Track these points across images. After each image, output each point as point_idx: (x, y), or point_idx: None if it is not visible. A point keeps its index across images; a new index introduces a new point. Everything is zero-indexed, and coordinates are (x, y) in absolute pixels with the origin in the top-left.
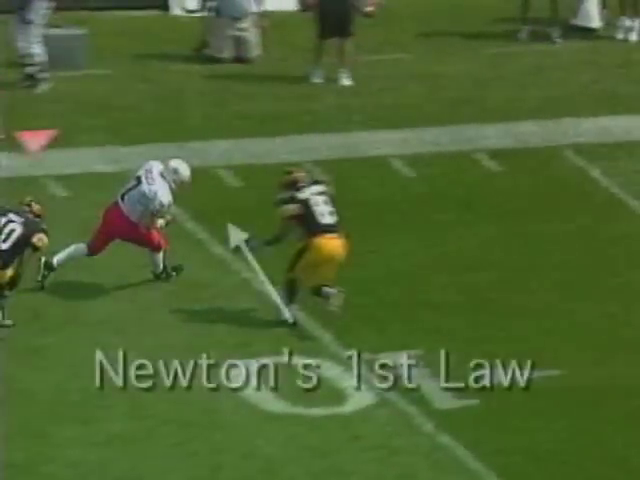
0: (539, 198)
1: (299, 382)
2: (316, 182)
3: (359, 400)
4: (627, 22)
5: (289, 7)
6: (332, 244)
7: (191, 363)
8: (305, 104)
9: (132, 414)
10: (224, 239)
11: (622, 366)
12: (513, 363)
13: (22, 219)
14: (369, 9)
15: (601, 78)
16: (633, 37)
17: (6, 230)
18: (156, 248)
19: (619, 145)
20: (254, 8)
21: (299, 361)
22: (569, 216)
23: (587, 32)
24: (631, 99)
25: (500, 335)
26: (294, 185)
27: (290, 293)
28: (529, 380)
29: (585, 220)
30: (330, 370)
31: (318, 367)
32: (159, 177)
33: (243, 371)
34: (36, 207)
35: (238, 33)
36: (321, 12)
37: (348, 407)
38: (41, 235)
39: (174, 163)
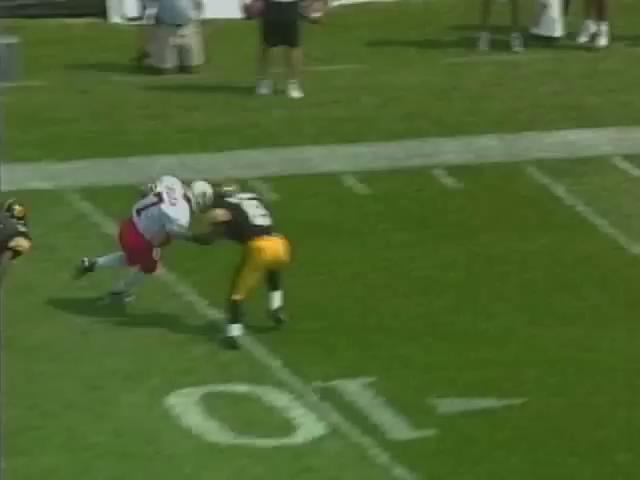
0: (500, 216)
1: (246, 411)
2: (247, 192)
3: (309, 430)
4: (592, 27)
5: (234, 14)
6: (273, 245)
7: (131, 391)
8: (252, 117)
9: (69, 446)
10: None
11: (587, 394)
12: (472, 391)
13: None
14: (316, 15)
15: (565, 89)
16: (601, 42)
17: None
18: (148, 270)
19: (585, 160)
20: (195, 15)
21: (246, 389)
22: (532, 236)
23: (549, 41)
24: (597, 111)
25: (458, 362)
26: (221, 196)
27: (235, 314)
28: (489, 409)
29: (549, 240)
30: (278, 399)
31: (266, 395)
32: (182, 198)
33: (187, 400)
34: (18, 209)
35: (180, 41)
36: (265, 19)
37: (298, 438)
38: (18, 239)
39: (202, 187)
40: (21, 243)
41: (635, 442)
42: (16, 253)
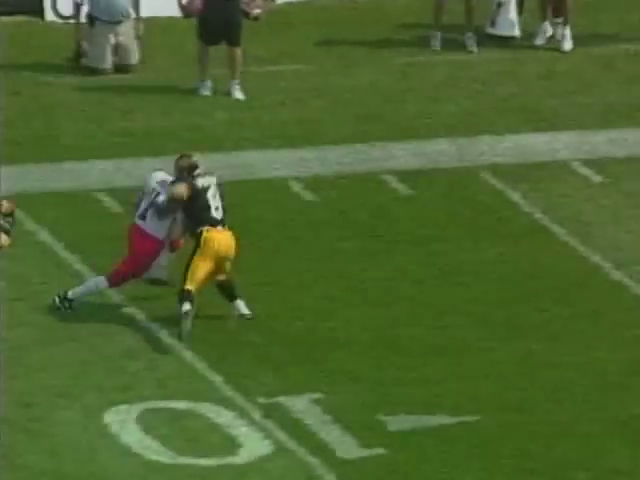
0: (453, 224)
1: (187, 429)
2: (211, 173)
3: (254, 449)
4: (549, 29)
5: (174, 13)
6: (223, 236)
7: (68, 408)
8: (193, 120)
9: (3, 465)
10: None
11: (544, 411)
12: (424, 408)
13: None
14: (257, 12)
15: (522, 91)
16: (566, 46)
17: None
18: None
19: (542, 166)
20: (132, 12)
21: (187, 406)
22: (487, 244)
23: (505, 41)
24: (555, 114)
25: (411, 376)
26: (191, 170)
27: (186, 301)
28: (442, 426)
29: (505, 249)
30: (221, 416)
31: (208, 412)
32: None
33: (125, 417)
34: (5, 206)
35: (116, 40)
36: (204, 17)
37: (242, 457)
38: None
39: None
40: None
41: (594, 460)
42: None
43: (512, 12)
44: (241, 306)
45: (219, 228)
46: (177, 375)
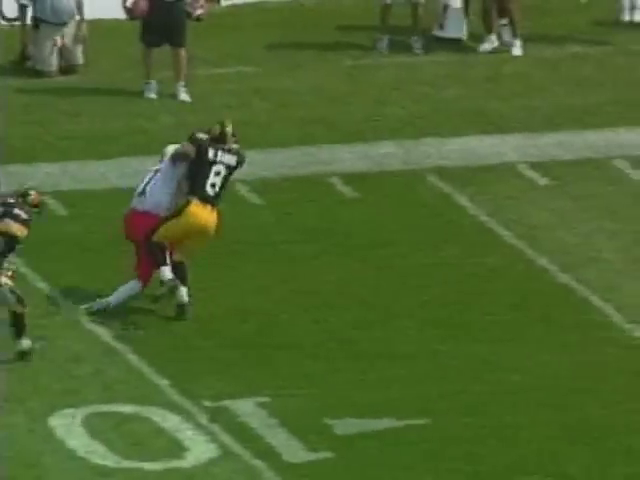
0: (401, 227)
1: (133, 433)
2: (235, 154)
3: (200, 452)
4: (495, 41)
5: (119, 15)
6: (207, 214)
7: (13, 412)
8: (138, 123)
9: None
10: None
11: (496, 415)
12: (372, 411)
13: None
14: (199, 12)
15: (468, 94)
16: (515, 52)
17: None
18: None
19: (488, 168)
20: (76, 14)
21: (133, 409)
22: (434, 248)
23: (452, 43)
24: (501, 117)
25: (359, 380)
26: (219, 140)
27: (159, 256)
28: (392, 430)
29: (452, 252)
30: (167, 419)
31: (154, 416)
32: None
33: (70, 421)
34: (34, 197)
35: (62, 41)
36: (148, 19)
37: (188, 460)
38: (7, 220)
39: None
40: (9, 225)
41: (546, 464)
42: (10, 237)
43: (459, 14)
44: (184, 294)
45: (207, 206)
46: (123, 379)
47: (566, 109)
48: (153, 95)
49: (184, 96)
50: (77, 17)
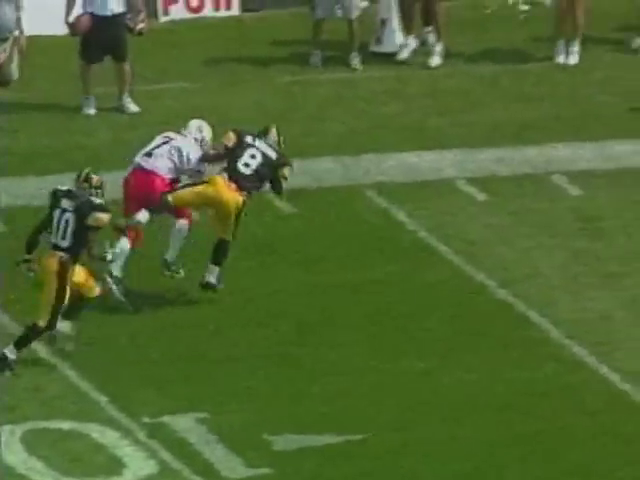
0: (340, 243)
1: (71, 449)
2: (273, 149)
3: (138, 469)
4: (412, 42)
5: (58, 31)
6: (229, 190)
7: None
8: (76, 139)
9: None
10: None
11: (433, 430)
12: (311, 426)
13: (74, 203)
14: (140, 26)
15: (406, 110)
16: (434, 62)
17: (62, 224)
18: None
19: (427, 184)
20: (15, 28)
21: (71, 426)
22: (373, 264)
23: (389, 58)
24: (440, 133)
25: (298, 395)
26: (261, 134)
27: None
28: (331, 445)
29: (391, 268)
30: (105, 436)
31: (92, 432)
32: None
33: (8, 438)
34: (95, 179)
35: (3, 57)
36: (89, 34)
37: (126, 477)
38: (95, 214)
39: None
40: (99, 218)
41: (485, 478)
42: (97, 228)
43: (396, 29)
44: (211, 273)
45: (232, 185)
46: (61, 395)
47: (505, 125)
48: (91, 111)
49: (133, 107)
50: (16, 32)
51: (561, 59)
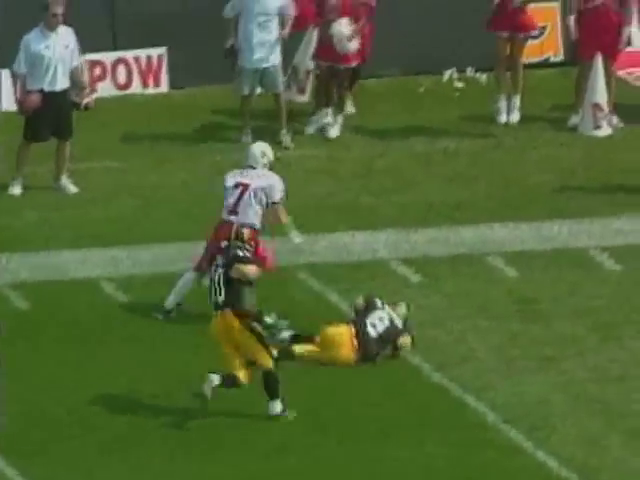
0: None
1: None
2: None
3: None
4: (325, 117)
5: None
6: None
7: None
8: (1, 219)
9: None
10: None
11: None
12: None
13: (222, 259)
14: (87, 101)
15: (339, 189)
16: (332, 133)
17: (216, 279)
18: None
19: (360, 265)
20: None
21: None
22: None
23: (322, 138)
24: (373, 213)
25: None
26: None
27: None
28: None
29: None
30: None
31: None
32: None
33: None
34: (246, 232)
35: None
36: (38, 112)
37: None
38: (237, 266)
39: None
40: (242, 270)
41: None
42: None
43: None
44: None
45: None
46: None
47: (439, 205)
48: (17, 191)
49: (72, 188)
50: None
51: (503, 118)
